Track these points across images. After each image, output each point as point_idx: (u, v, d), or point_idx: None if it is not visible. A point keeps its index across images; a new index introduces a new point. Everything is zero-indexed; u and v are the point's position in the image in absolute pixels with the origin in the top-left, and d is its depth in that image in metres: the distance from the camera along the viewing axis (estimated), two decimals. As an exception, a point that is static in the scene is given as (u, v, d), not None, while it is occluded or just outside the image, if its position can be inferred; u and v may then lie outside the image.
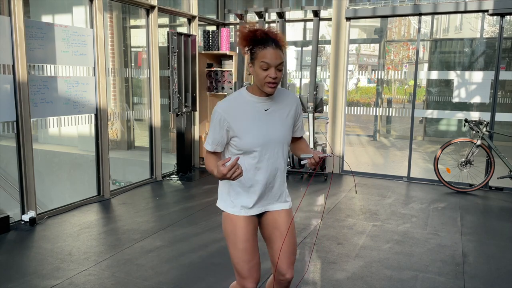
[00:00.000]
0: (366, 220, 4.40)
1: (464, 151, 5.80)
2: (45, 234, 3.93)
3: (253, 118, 1.98)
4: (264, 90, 1.94)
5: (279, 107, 2.04)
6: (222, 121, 1.96)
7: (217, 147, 2.01)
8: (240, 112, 1.97)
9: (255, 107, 1.99)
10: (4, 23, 3.85)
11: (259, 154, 2.00)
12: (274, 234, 2.11)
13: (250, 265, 2.03)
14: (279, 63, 1.90)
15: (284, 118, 2.05)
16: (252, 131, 1.97)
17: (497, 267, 3.36)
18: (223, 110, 1.96)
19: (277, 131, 2.02)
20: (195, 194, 5.36)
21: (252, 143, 1.97)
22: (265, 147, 2.00)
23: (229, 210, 2.07)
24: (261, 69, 1.89)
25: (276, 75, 1.90)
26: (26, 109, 4.05)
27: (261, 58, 1.88)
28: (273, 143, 2.02)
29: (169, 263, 3.36)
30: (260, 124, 1.99)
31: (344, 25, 6.16)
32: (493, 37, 8.38)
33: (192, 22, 6.49)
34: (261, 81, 1.91)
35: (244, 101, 2.00)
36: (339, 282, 3.07)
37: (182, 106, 6.00)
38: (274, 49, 1.88)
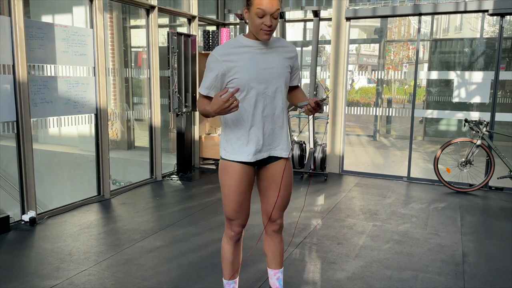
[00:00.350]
0: (366, 220, 4.40)
1: (464, 151, 5.80)
2: (45, 234, 3.93)
3: (251, 57, 1.99)
4: (259, 37, 1.95)
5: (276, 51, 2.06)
6: (218, 64, 1.98)
7: (211, 91, 2.02)
8: (236, 54, 1.99)
9: (252, 50, 2.00)
10: (4, 23, 3.85)
11: (257, 91, 2.00)
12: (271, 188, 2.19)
13: (239, 206, 2.15)
14: (275, 10, 1.89)
15: (281, 59, 2.06)
16: (248, 68, 1.98)
17: (497, 267, 3.36)
18: (219, 54, 1.99)
19: (274, 69, 2.03)
20: (195, 194, 5.36)
21: (249, 78, 1.97)
22: (262, 83, 2.00)
23: (230, 157, 2.08)
24: (257, 16, 1.88)
25: (272, 22, 1.90)
26: (26, 109, 4.05)
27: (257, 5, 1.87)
28: (270, 79, 2.02)
29: (169, 263, 3.36)
30: (257, 62, 2.00)
31: (344, 25, 6.16)
32: (493, 37, 8.38)
33: (192, 22, 6.49)
34: (256, 28, 1.91)
35: (240, 45, 2.01)
36: (339, 282, 3.07)
37: (182, 106, 6.00)
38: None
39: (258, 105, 2.02)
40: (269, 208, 2.22)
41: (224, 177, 2.12)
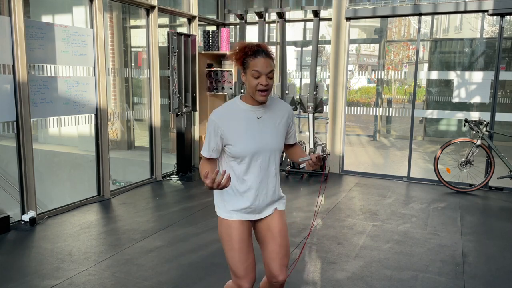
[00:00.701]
0: (366, 220, 4.40)
1: (464, 151, 5.80)
2: (45, 234, 3.93)
3: (246, 126, 2.05)
4: (256, 99, 2.02)
5: (271, 115, 2.11)
6: (216, 128, 2.03)
7: (213, 153, 2.08)
8: (233, 120, 2.05)
9: (248, 115, 2.06)
10: (4, 23, 3.85)
11: (252, 160, 2.07)
12: (267, 236, 2.17)
13: (245, 265, 2.10)
14: (270, 71, 1.97)
15: (276, 125, 2.11)
16: (244, 139, 2.04)
17: (497, 267, 3.36)
18: (217, 118, 2.05)
19: (269, 139, 2.09)
20: (195, 194, 5.36)
21: (244, 150, 2.04)
22: (257, 154, 2.07)
23: (223, 215, 2.14)
24: (253, 77, 1.97)
25: (267, 82, 1.97)
26: (26, 109, 4.05)
27: (253, 67, 1.96)
28: (265, 150, 2.08)
29: (169, 263, 3.36)
30: (252, 132, 2.05)
31: (344, 25, 6.16)
32: (493, 37, 8.38)
33: (192, 22, 6.49)
34: (253, 89, 1.99)
35: (237, 109, 2.07)
36: (339, 282, 3.07)
37: (182, 106, 6.00)
38: (264, 58, 1.96)
39: (253, 171, 2.08)
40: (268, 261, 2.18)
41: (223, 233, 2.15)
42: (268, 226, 2.17)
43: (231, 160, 2.07)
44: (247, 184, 2.10)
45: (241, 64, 2.02)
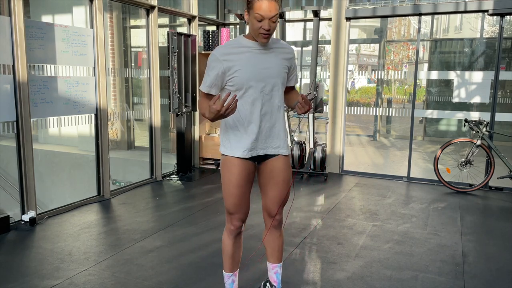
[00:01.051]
0: (366, 220, 4.40)
1: (464, 151, 5.80)
2: (45, 234, 3.93)
3: (250, 57, 2.07)
4: (258, 40, 2.04)
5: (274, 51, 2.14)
6: (218, 63, 2.06)
7: (212, 89, 2.10)
8: (236, 53, 2.07)
9: (251, 50, 2.09)
10: (4, 23, 3.85)
11: (255, 90, 2.07)
12: (270, 183, 2.25)
13: (238, 201, 2.20)
14: (273, 15, 1.96)
15: (279, 59, 2.14)
16: (247, 67, 2.06)
17: (497, 267, 3.36)
18: (220, 53, 2.07)
19: (272, 68, 2.11)
20: (195, 194, 5.36)
21: (248, 78, 2.05)
22: (260, 82, 2.08)
23: (228, 153, 2.17)
24: (256, 20, 1.96)
25: (270, 26, 1.97)
26: (26, 109, 4.05)
27: (256, 10, 1.94)
28: (268, 79, 2.10)
29: (169, 263, 3.36)
30: (256, 62, 2.08)
31: (344, 25, 6.16)
32: (493, 37, 8.38)
33: (192, 22, 6.49)
34: (255, 32, 2.00)
35: (240, 45, 2.09)
36: (339, 282, 3.07)
37: (182, 106, 6.00)
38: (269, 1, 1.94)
39: (256, 103, 2.09)
40: (268, 203, 2.29)
41: (224, 172, 2.19)
42: (272, 173, 2.21)
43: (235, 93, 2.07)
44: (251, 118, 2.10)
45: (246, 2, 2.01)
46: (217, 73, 2.07)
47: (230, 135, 2.16)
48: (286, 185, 2.25)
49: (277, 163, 2.22)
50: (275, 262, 2.48)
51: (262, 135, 2.14)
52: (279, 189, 2.23)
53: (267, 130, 2.15)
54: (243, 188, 2.18)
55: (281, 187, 2.23)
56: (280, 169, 2.22)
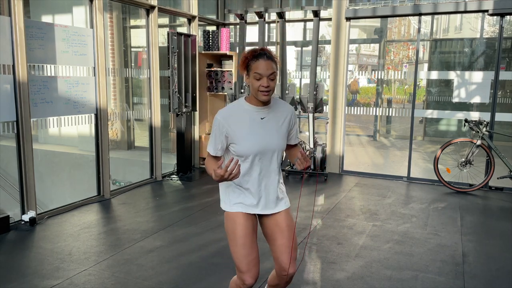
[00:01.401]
0: (366, 220, 4.40)
1: (464, 151, 5.80)
2: (45, 234, 3.93)
3: (250, 126, 2.13)
4: (258, 99, 2.09)
5: (274, 116, 2.18)
6: (221, 127, 2.12)
7: (219, 151, 2.19)
8: (238, 120, 2.13)
9: (252, 115, 2.14)
10: (4, 23, 3.85)
11: (255, 159, 2.15)
12: (275, 232, 2.21)
13: (248, 259, 2.13)
14: (271, 73, 2.04)
15: (279, 126, 2.19)
16: (248, 138, 2.12)
17: (497, 267, 3.36)
18: (223, 118, 2.13)
19: (272, 139, 2.16)
20: (195, 194, 5.36)
21: (248, 149, 2.12)
22: (260, 153, 2.15)
23: (228, 209, 2.20)
24: (255, 79, 2.05)
25: (269, 84, 2.04)
26: (26, 109, 4.05)
27: (255, 69, 2.04)
28: (268, 149, 2.16)
29: (169, 263, 3.36)
30: (256, 132, 2.13)
31: (344, 25, 6.16)
32: (493, 37, 8.38)
33: (192, 22, 6.49)
34: (255, 90, 2.07)
35: (242, 110, 2.15)
36: (339, 282, 3.07)
37: (182, 106, 6.00)
38: (265, 60, 2.04)
39: (256, 169, 2.16)
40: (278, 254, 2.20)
41: (228, 225, 2.19)
42: (276, 222, 2.22)
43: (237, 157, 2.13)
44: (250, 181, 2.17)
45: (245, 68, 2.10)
46: (222, 139, 2.15)
47: (229, 192, 2.22)
48: (292, 232, 2.21)
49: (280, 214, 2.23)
50: None
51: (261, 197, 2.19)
52: (285, 235, 2.19)
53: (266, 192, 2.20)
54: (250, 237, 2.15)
55: (287, 234, 2.19)
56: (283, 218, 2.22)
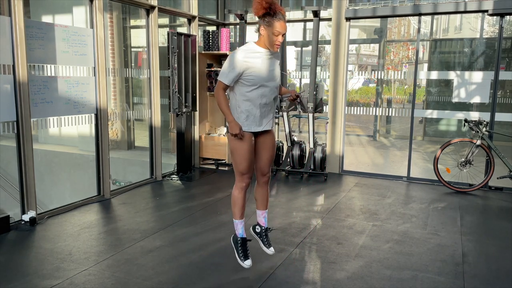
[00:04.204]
0: (366, 220, 4.40)
1: (464, 151, 5.81)
2: (45, 234, 3.93)
3: (263, 62, 2.92)
4: (272, 49, 2.91)
5: (274, 58, 3.01)
6: (242, 64, 2.83)
7: (232, 82, 2.88)
8: (254, 58, 2.89)
9: (262, 56, 2.92)
10: (4, 23, 3.85)
11: (265, 86, 2.93)
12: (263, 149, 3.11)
13: (248, 164, 3.01)
14: (285, 32, 2.85)
15: (277, 65, 3.05)
16: (263, 70, 2.92)
17: (497, 267, 3.37)
18: (242, 57, 2.85)
19: (276, 72, 3.02)
20: (195, 194, 5.36)
21: (263, 78, 2.92)
22: (269, 81, 2.95)
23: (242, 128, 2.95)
24: (274, 35, 2.82)
25: (282, 40, 2.87)
26: (26, 109, 4.05)
27: (275, 27, 2.79)
28: (273, 80, 2.99)
29: (169, 263, 3.36)
30: (266, 66, 2.94)
31: (344, 25, 6.16)
32: (493, 37, 8.38)
33: (192, 22, 6.49)
34: (272, 43, 2.86)
35: (255, 51, 2.92)
36: (339, 282, 3.08)
37: (182, 106, 6.01)
38: (284, 22, 2.82)
39: (264, 95, 2.95)
40: (262, 165, 3.14)
41: (236, 143, 2.97)
42: (264, 141, 3.09)
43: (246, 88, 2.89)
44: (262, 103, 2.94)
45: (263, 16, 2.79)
46: (239, 72, 2.83)
47: (241, 117, 2.95)
48: (273, 149, 3.15)
49: (268, 135, 3.10)
50: (263, 209, 3.28)
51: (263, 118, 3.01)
52: (269, 152, 3.13)
53: (268, 111, 3.04)
54: (251, 154, 3.02)
55: (271, 152, 3.13)
56: (270, 139, 3.11)
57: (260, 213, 3.30)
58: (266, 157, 3.12)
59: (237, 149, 2.98)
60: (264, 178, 3.19)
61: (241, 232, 3.18)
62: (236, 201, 3.12)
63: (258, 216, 3.33)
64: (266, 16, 2.78)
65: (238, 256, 3.15)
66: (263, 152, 3.11)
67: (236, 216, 3.16)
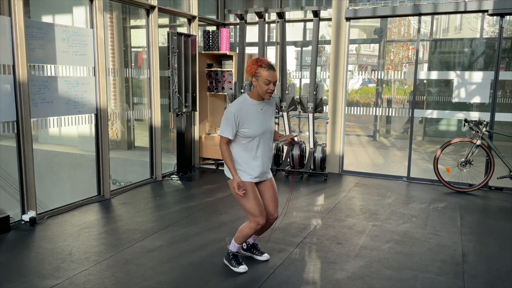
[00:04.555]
0: (366, 220, 4.40)
1: (464, 151, 5.80)
2: (45, 234, 3.93)
3: (256, 115, 3.04)
4: (264, 97, 3.03)
5: (267, 108, 3.13)
6: (236, 117, 2.95)
7: (233, 136, 3.00)
8: (247, 111, 3.01)
9: (255, 107, 3.05)
10: (4, 23, 3.85)
11: (259, 138, 3.05)
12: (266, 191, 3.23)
13: (260, 208, 3.09)
14: (276, 80, 2.99)
15: (270, 114, 3.16)
16: (256, 123, 3.02)
17: (497, 267, 3.37)
18: (237, 110, 2.97)
19: (269, 123, 3.12)
20: (195, 194, 5.36)
21: (256, 131, 3.01)
22: (263, 134, 3.06)
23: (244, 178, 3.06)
24: (264, 84, 2.95)
25: (274, 88, 3.00)
26: (26, 109, 4.05)
27: (265, 77, 2.94)
28: (267, 131, 3.09)
29: (169, 263, 3.36)
30: (259, 119, 3.05)
31: (344, 25, 6.16)
32: (493, 37, 8.38)
33: (192, 22, 6.49)
34: (263, 92, 2.98)
35: (248, 104, 3.05)
36: (339, 282, 3.08)
37: (182, 106, 6.01)
38: (273, 71, 2.98)
39: (259, 146, 3.08)
40: (268, 207, 3.23)
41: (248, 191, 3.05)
42: (266, 185, 3.22)
43: (243, 140, 3.02)
44: (257, 155, 3.07)
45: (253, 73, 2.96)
46: (236, 125, 2.97)
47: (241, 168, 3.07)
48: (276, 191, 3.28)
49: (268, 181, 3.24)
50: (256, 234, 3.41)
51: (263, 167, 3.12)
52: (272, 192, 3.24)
53: (267, 162, 3.16)
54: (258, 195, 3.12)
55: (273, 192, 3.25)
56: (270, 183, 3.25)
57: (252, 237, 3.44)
58: (271, 198, 3.23)
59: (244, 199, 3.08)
60: (271, 220, 3.28)
61: (235, 251, 3.30)
62: (245, 235, 3.19)
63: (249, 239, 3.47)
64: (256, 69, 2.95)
65: (233, 266, 3.25)
66: (267, 195, 3.22)
67: (238, 242, 3.25)
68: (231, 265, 3.26)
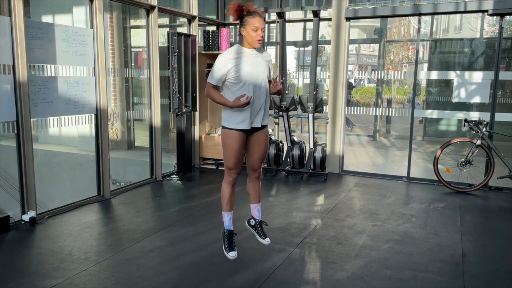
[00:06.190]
0: (366, 220, 4.40)
1: (464, 151, 5.81)
2: (45, 234, 3.93)
3: (247, 61, 3.06)
4: (254, 45, 3.06)
5: (261, 57, 3.14)
6: (226, 65, 2.99)
7: (219, 82, 3.06)
8: (239, 58, 3.04)
9: (246, 55, 3.07)
10: (4, 23, 3.85)
11: (251, 84, 3.04)
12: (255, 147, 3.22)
13: (236, 160, 3.13)
14: (263, 26, 3.01)
15: (264, 62, 3.15)
16: (246, 68, 3.04)
17: (497, 267, 3.37)
18: (227, 58, 3.02)
19: (261, 69, 3.12)
20: (195, 194, 5.36)
21: (248, 74, 3.03)
22: (254, 78, 3.05)
23: (232, 126, 3.07)
24: (253, 31, 2.99)
25: (262, 34, 3.02)
26: (26, 109, 4.05)
27: (253, 24, 2.97)
28: (259, 76, 3.09)
29: (169, 263, 3.36)
30: (252, 64, 3.07)
31: (344, 25, 6.16)
32: (493, 37, 8.39)
33: (192, 22, 6.49)
34: (253, 39, 3.01)
35: (240, 51, 3.07)
36: (339, 282, 3.08)
37: (182, 106, 6.01)
38: (259, 17, 2.99)
39: (251, 91, 3.04)
40: (253, 161, 3.27)
41: (226, 140, 3.11)
42: (257, 138, 3.19)
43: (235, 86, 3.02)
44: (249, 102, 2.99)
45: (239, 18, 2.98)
46: (224, 72, 3.00)
47: (232, 115, 3.06)
48: (266, 147, 3.27)
49: (261, 133, 3.19)
50: (256, 202, 3.43)
51: (254, 114, 3.09)
52: (262, 151, 3.24)
53: (258, 109, 3.11)
54: (241, 151, 3.13)
55: (263, 150, 3.24)
56: (262, 137, 3.21)
57: (254, 207, 3.45)
58: (258, 154, 3.23)
59: (228, 146, 3.11)
60: (255, 174, 3.32)
61: (228, 224, 3.31)
62: (223, 195, 3.25)
63: (252, 209, 3.47)
64: (242, 18, 2.98)
65: (224, 248, 3.27)
66: (256, 149, 3.22)
67: (224, 209, 3.29)
68: (223, 244, 3.29)
